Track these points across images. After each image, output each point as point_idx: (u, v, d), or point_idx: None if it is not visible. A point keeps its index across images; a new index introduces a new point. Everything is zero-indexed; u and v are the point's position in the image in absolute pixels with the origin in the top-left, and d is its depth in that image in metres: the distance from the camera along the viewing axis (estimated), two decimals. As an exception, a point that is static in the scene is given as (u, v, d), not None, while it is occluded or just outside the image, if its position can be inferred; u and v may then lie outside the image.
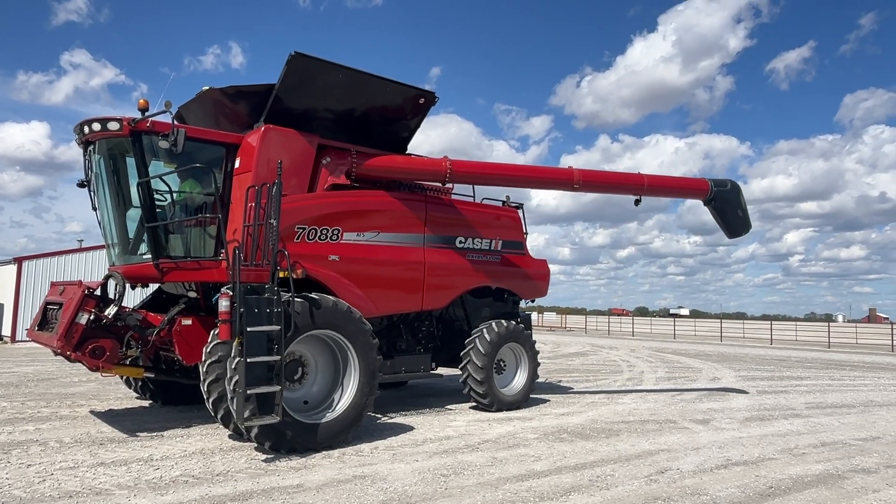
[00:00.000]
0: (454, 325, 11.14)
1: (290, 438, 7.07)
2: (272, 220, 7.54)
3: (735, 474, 6.64)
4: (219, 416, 7.27)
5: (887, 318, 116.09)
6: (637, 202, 12.09)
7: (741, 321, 69.45)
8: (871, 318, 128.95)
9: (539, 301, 13.03)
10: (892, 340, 34.25)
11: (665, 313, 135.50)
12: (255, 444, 7.21)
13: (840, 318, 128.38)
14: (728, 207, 12.46)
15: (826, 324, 53.11)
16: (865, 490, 6.19)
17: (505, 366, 10.74)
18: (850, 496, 5.98)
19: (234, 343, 6.73)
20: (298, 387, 7.76)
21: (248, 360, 6.61)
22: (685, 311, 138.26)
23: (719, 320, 54.73)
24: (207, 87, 9.20)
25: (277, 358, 6.85)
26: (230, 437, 7.80)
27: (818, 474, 6.74)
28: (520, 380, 10.81)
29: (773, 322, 49.67)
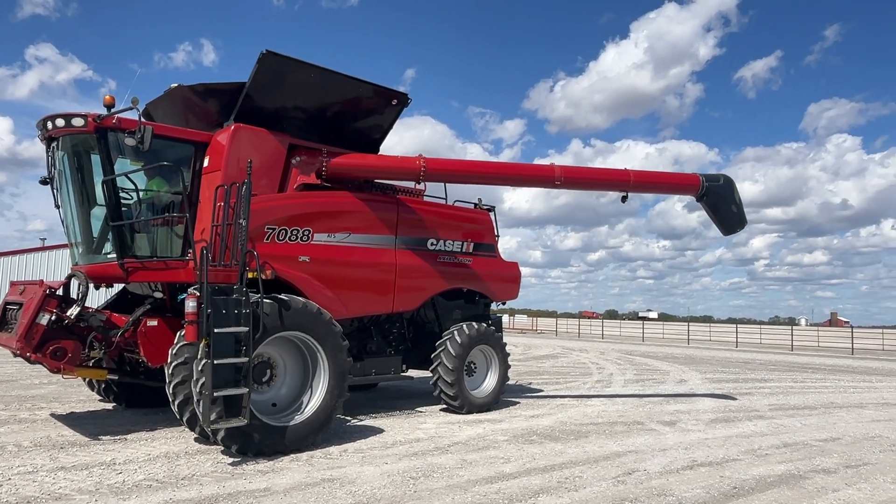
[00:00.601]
0: (425, 327, 11.12)
1: (257, 441, 6.98)
2: (241, 220, 7.44)
3: (700, 475, 6.75)
4: (184, 419, 7.14)
5: (848, 322, 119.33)
6: (624, 199, 11.62)
7: (708, 324, 70.58)
8: (833, 321, 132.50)
9: (510, 303, 13.08)
10: (852, 344, 35.20)
11: (634, 316, 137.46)
12: (222, 448, 7.11)
13: (803, 321, 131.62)
14: (721, 203, 11.94)
15: (789, 327, 54.34)
16: (826, 490, 6.34)
17: (475, 368, 10.76)
18: (810, 496, 6.12)
19: (201, 344, 6.62)
20: (267, 389, 7.67)
21: (215, 361, 6.50)
22: (654, 315, 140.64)
23: (687, 323, 55.61)
24: (176, 85, 9.07)
25: (245, 360, 6.76)
26: (196, 440, 7.67)
27: (780, 475, 6.88)
28: (490, 382, 10.84)
29: (739, 325, 50.59)
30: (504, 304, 12.45)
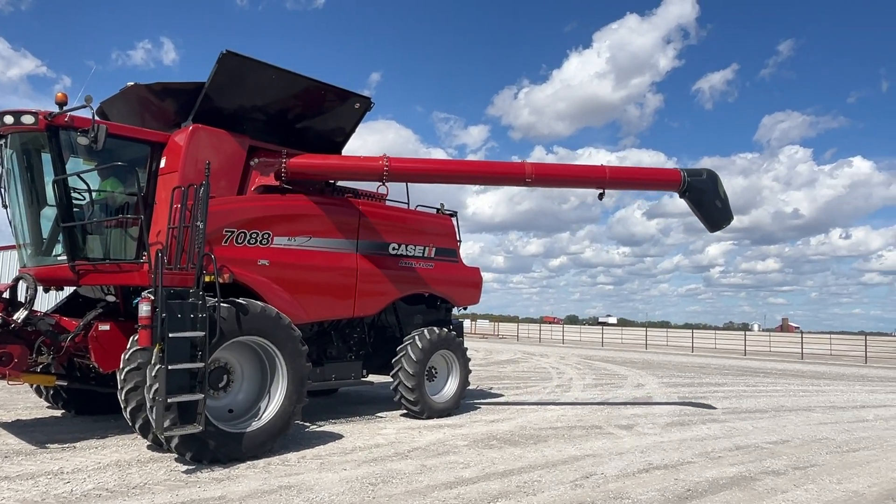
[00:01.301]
0: (386, 331, 11.08)
1: (212, 448, 6.83)
2: (199, 223, 7.30)
3: (656, 478, 6.86)
4: (137, 426, 6.96)
5: (798, 328, 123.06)
6: (601, 196, 10.93)
7: (665, 329, 72.15)
8: (784, 327, 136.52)
9: (472, 308, 13.13)
10: (802, 349, 36.33)
11: (594, 321, 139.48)
12: (176, 455, 6.93)
13: (755, 327, 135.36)
14: (705, 198, 11.21)
15: (743, 332, 55.83)
16: (775, 491, 6.51)
17: (436, 373, 10.76)
18: (760, 497, 6.28)
19: (155, 349, 6.47)
20: (223, 395, 7.52)
21: (170, 367, 6.35)
22: (613, 320, 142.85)
23: (645, 329, 56.63)
24: (133, 83, 8.88)
25: (201, 365, 6.62)
26: (149, 447, 7.48)
27: (732, 476, 7.05)
28: (451, 387, 10.85)
29: (695, 331, 51.77)
30: (465, 308, 12.50)
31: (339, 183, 10.55)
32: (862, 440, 9.56)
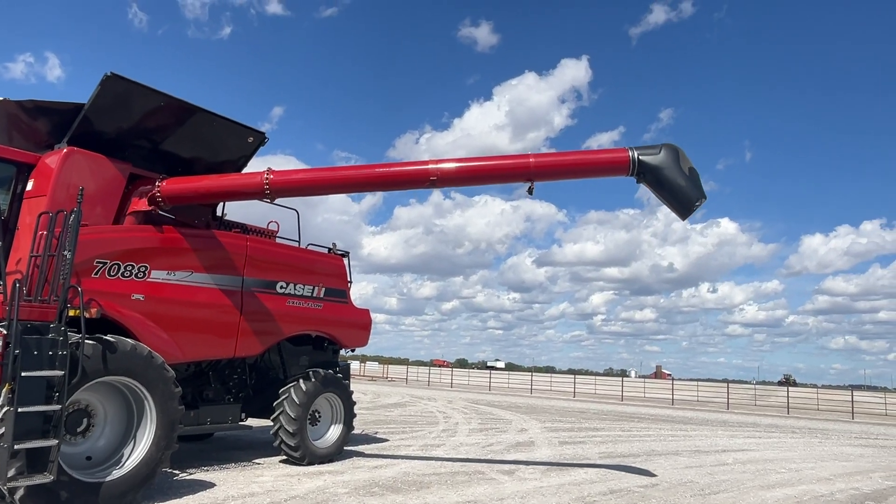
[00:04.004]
0: (269, 373, 10.67)
1: (64, 500, 6.20)
2: (66, 252, 6.77)
3: (534, 523, 6.96)
4: (-25, 476, 6.21)
5: (670, 375, 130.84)
6: (530, 190, 9.10)
7: (550, 375, 74.35)
8: (658, 374, 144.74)
9: (362, 350, 12.93)
10: (673, 395, 38.58)
11: (483, 366, 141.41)
12: (20, 508, 6.24)
13: (632, 373, 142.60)
14: (665, 177, 9.05)
15: (621, 378, 58.53)
16: (643, 534, 6.78)
17: (320, 417, 10.44)
18: (630, 540, 6.52)
19: (4, 390, 5.85)
20: (81, 440, 6.90)
21: (20, 409, 5.76)
22: (501, 364, 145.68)
23: (531, 373, 58.06)
24: (1, 98, 8.24)
25: (57, 408, 6.04)
26: (-12, 500, 6.69)
27: (605, 521, 7.27)
28: (335, 432, 10.56)
29: (577, 376, 53.69)
30: (354, 350, 12.29)
31: (228, 218, 10.20)
32: (722, 483, 10.20)
